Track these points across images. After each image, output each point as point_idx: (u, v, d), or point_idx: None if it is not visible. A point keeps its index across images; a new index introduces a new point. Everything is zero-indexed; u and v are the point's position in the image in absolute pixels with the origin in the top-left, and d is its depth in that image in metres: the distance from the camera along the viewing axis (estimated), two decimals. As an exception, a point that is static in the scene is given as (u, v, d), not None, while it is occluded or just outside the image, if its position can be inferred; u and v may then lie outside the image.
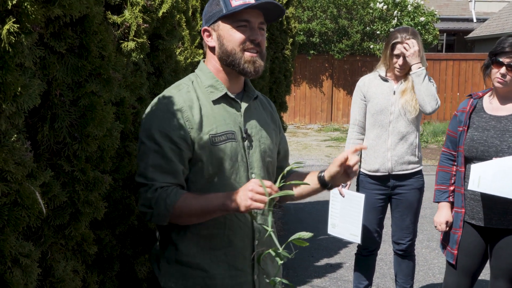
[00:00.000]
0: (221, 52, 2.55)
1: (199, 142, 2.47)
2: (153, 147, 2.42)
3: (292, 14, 7.97)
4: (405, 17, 22.16)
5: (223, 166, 2.52)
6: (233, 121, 2.58)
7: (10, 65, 1.61)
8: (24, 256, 1.81)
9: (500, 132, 3.78)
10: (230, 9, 2.47)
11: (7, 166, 1.66)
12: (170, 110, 2.46)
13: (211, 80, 2.60)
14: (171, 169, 2.43)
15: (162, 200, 2.38)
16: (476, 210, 3.89)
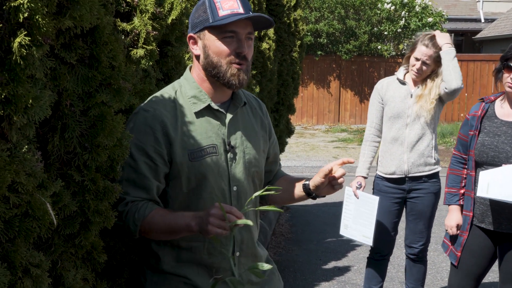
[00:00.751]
0: (206, 62, 2.48)
1: (177, 157, 2.44)
2: (128, 161, 2.37)
3: (300, 16, 7.97)
4: (413, 17, 22.14)
5: (202, 181, 2.49)
6: (215, 134, 2.52)
7: (21, 77, 1.61)
8: (34, 266, 1.81)
9: (511, 138, 3.77)
10: (217, 19, 2.38)
11: (18, 177, 1.66)
12: (149, 124, 2.42)
13: (194, 90, 2.54)
14: (144, 184, 2.41)
15: (131, 214, 2.39)
16: (486, 214, 3.89)
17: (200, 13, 2.45)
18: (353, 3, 21.97)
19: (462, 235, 4.08)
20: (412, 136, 4.91)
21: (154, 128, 2.41)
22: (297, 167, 14.17)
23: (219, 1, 2.40)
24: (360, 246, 7.56)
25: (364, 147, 5.28)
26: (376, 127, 5.16)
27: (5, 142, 1.67)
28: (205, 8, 2.42)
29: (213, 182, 2.51)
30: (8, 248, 1.70)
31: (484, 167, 3.86)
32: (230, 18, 2.35)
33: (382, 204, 5.01)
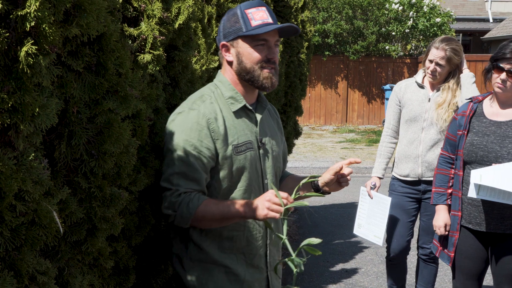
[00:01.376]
0: (240, 68, 2.74)
1: (223, 152, 2.68)
2: (179, 155, 2.62)
3: (308, 18, 7.95)
4: (420, 18, 22.09)
5: (243, 174, 2.75)
6: (250, 131, 2.80)
7: (28, 85, 1.62)
8: (41, 274, 1.82)
9: (500, 137, 3.79)
10: (249, 29, 2.65)
11: (25, 185, 1.66)
12: (197, 121, 2.66)
13: (230, 91, 2.78)
14: (195, 177, 2.63)
15: (185, 204, 2.59)
16: (473, 215, 3.90)
17: (232, 23, 2.71)
18: (361, 3, 21.92)
19: (453, 235, 4.07)
20: (427, 140, 4.93)
21: (202, 125, 2.66)
22: (304, 168, 14.15)
23: (250, 12, 2.67)
24: (368, 248, 7.55)
25: (380, 148, 5.37)
26: (393, 129, 5.23)
27: (11, 150, 1.67)
28: (237, 18, 2.69)
29: (251, 175, 2.78)
30: (15, 256, 1.71)
31: (473, 167, 3.85)
32: (263, 28, 2.64)
33: (398, 204, 5.06)
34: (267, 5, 2.73)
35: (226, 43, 2.74)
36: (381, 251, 7.39)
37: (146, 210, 2.80)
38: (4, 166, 1.59)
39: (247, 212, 2.54)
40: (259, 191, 2.83)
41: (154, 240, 2.98)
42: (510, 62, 3.74)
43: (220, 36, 2.78)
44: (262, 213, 2.48)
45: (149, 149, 2.79)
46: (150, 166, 2.74)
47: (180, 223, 2.65)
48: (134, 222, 2.71)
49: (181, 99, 3.16)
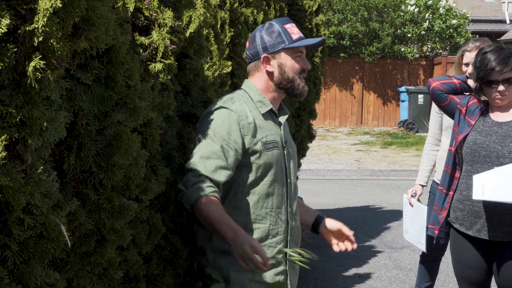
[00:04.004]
0: (282, 78, 2.98)
1: (253, 147, 2.89)
2: (208, 143, 2.83)
3: (322, 21, 7.93)
4: (436, 19, 22.00)
5: (270, 170, 2.95)
6: (276, 132, 3.03)
7: (36, 100, 1.62)
8: (49, 286, 1.82)
9: (502, 137, 3.78)
10: (291, 41, 2.95)
11: (33, 199, 1.67)
12: (228, 116, 2.88)
13: (259, 96, 3.02)
14: (219, 166, 2.81)
15: (197, 188, 2.74)
16: (474, 222, 3.86)
17: (273, 37, 2.96)
18: (377, 5, 21.87)
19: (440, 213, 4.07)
20: None
21: (233, 120, 2.87)
22: (319, 170, 14.14)
23: (289, 27, 2.98)
24: (382, 252, 7.53)
25: (423, 156, 5.43)
26: (434, 136, 5.30)
27: (20, 163, 1.68)
28: (278, 33, 2.96)
29: (277, 171, 2.98)
30: (23, 270, 1.71)
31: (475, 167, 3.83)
32: (303, 41, 2.96)
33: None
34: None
35: (268, 56, 2.98)
36: (394, 255, 7.37)
37: (156, 219, 2.80)
38: (12, 180, 1.59)
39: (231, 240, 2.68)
40: (282, 188, 3.02)
41: (165, 248, 2.98)
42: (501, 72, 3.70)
43: (258, 49, 2.99)
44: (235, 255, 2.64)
45: (160, 157, 2.79)
46: (160, 174, 2.74)
47: (185, 201, 2.78)
48: (144, 231, 2.72)
49: (192, 107, 3.16)
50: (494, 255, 3.89)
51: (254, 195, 2.93)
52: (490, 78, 3.73)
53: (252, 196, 2.93)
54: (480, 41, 4.89)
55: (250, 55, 3.05)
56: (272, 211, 2.97)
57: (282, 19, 3.04)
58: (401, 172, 14.11)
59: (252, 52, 3.03)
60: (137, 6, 2.67)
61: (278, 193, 2.99)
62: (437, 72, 21.33)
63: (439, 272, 5.65)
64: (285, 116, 3.12)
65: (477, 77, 3.83)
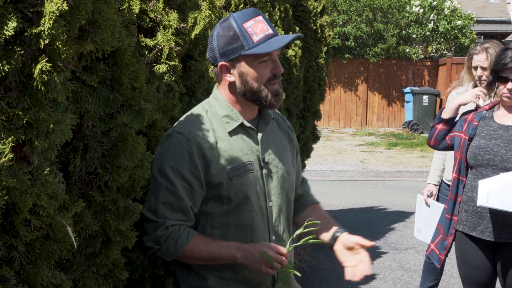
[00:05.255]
0: (245, 89, 2.45)
1: (216, 177, 2.42)
2: (164, 183, 2.37)
3: (327, 22, 7.94)
4: (441, 20, 21.98)
5: (242, 199, 2.48)
6: (250, 151, 2.51)
7: (43, 102, 1.64)
8: (55, 286, 1.84)
9: (507, 141, 3.78)
10: (252, 46, 2.36)
11: (39, 200, 1.68)
12: (185, 147, 2.39)
13: (226, 109, 2.51)
14: (182, 207, 2.40)
15: (173, 240, 2.39)
16: (478, 223, 3.86)
17: (229, 40, 2.39)
18: (381, 6, 21.86)
19: (446, 239, 4.06)
20: None
21: (191, 151, 2.38)
22: (323, 171, 14.14)
23: (249, 26, 2.37)
24: (386, 253, 7.52)
25: (435, 155, 5.45)
26: None
27: (27, 165, 1.69)
28: (235, 35, 2.37)
29: (253, 198, 2.50)
30: (29, 270, 1.73)
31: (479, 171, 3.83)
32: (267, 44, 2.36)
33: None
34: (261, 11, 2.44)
35: (225, 63, 2.43)
36: (399, 257, 7.37)
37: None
38: (19, 182, 1.61)
39: (240, 258, 2.40)
40: (260, 216, 2.55)
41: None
42: None
43: (215, 54, 2.45)
44: (257, 266, 2.37)
45: (164, 159, 2.81)
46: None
47: (163, 256, 2.46)
48: (149, 232, 2.73)
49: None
50: (499, 256, 3.89)
51: (226, 229, 2.50)
52: (503, 73, 3.76)
53: (224, 230, 2.50)
54: (488, 42, 4.90)
55: (210, 58, 2.51)
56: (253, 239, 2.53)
57: (244, 12, 2.42)
58: (405, 173, 14.10)
59: (210, 56, 2.49)
60: (143, 8, 2.69)
61: (254, 223, 2.53)
62: (442, 73, 21.32)
63: (443, 273, 5.66)
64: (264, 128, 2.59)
65: (491, 70, 3.90)
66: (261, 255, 2.34)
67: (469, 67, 4.98)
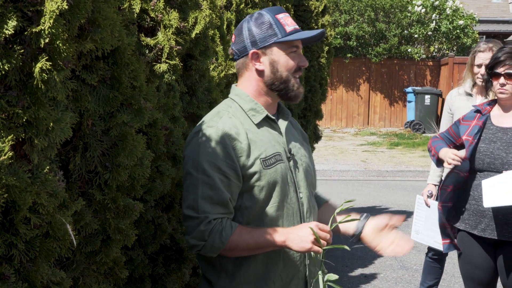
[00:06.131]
0: (274, 77, 2.51)
1: (250, 168, 2.43)
2: (201, 178, 2.37)
3: (328, 22, 7.95)
4: (443, 20, 21.96)
5: (276, 189, 2.49)
6: (277, 142, 2.54)
7: (43, 100, 1.64)
8: (55, 284, 1.84)
9: (506, 144, 3.79)
10: (285, 34, 2.47)
11: (39, 199, 1.69)
12: (216, 139, 2.40)
13: (250, 103, 2.54)
14: (221, 199, 2.38)
15: (217, 233, 2.35)
16: (479, 221, 3.87)
17: (262, 29, 2.48)
18: (383, 5, 21.85)
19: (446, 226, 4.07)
20: None
21: (224, 143, 2.40)
22: (325, 170, 14.13)
23: (282, 18, 2.49)
24: (387, 253, 7.53)
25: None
26: None
27: (26, 163, 1.70)
28: (270, 24, 2.48)
29: (284, 189, 2.51)
30: (29, 268, 1.73)
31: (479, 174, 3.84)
32: (299, 33, 2.49)
33: None
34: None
35: (257, 51, 2.49)
36: (400, 256, 7.37)
37: (162, 218, 2.82)
38: (19, 180, 1.61)
39: (286, 242, 2.37)
40: (293, 206, 2.55)
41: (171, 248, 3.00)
42: (505, 64, 3.77)
43: (246, 43, 2.51)
44: (306, 246, 2.33)
45: (165, 157, 2.81)
46: (166, 174, 2.76)
47: (208, 252, 2.41)
48: (150, 231, 2.74)
49: (198, 108, 3.18)
50: (500, 254, 3.89)
51: (260, 222, 2.48)
52: (496, 69, 3.79)
53: (259, 223, 2.48)
54: (492, 42, 4.91)
55: (237, 50, 2.55)
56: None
57: (274, 8, 2.56)
58: (407, 173, 14.10)
59: (238, 47, 2.54)
60: (143, 7, 2.70)
61: (288, 213, 2.53)
62: (444, 72, 21.30)
63: (444, 273, 5.67)
64: (284, 121, 2.64)
65: (486, 67, 3.94)
66: (307, 234, 2.33)
67: (471, 64, 4.99)
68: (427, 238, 5.09)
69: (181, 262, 3.06)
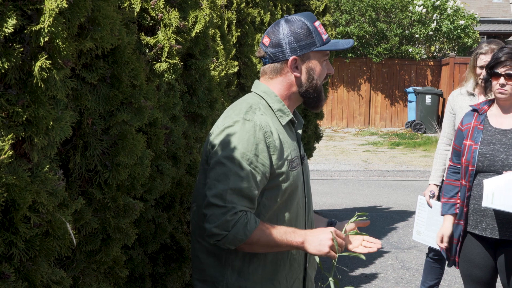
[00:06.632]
0: (309, 85, 2.53)
1: (280, 167, 2.44)
2: (234, 169, 2.34)
3: (329, 21, 7.95)
4: (444, 20, 21.95)
5: (295, 192, 2.53)
6: (296, 147, 2.57)
7: (42, 99, 1.64)
8: (55, 283, 1.84)
9: (506, 146, 3.78)
10: (322, 43, 2.50)
11: (39, 197, 1.69)
12: (254, 133, 2.39)
13: (278, 104, 2.54)
14: (250, 194, 2.36)
15: (243, 224, 2.31)
16: (479, 220, 3.87)
17: (302, 36, 2.48)
18: (384, 5, 21.84)
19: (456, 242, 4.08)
20: None
21: (259, 138, 2.39)
22: (326, 170, 14.12)
23: (318, 26, 2.51)
24: (388, 253, 7.52)
25: (436, 156, 5.41)
26: (448, 137, 5.30)
27: (26, 162, 1.70)
28: (308, 31, 2.49)
29: (300, 192, 2.56)
30: (29, 267, 1.73)
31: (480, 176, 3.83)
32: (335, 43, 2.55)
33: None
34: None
35: (297, 58, 2.49)
36: (401, 256, 7.36)
37: (162, 218, 2.82)
38: (18, 179, 1.61)
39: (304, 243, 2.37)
40: (303, 211, 2.61)
41: (171, 247, 3.00)
42: (505, 65, 3.76)
43: (285, 49, 2.49)
44: (323, 249, 2.33)
45: (165, 157, 2.81)
46: (166, 174, 2.76)
47: (228, 244, 2.35)
48: (150, 230, 2.74)
49: (198, 107, 3.18)
50: (500, 254, 3.89)
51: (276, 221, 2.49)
52: (496, 69, 3.78)
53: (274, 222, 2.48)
54: (494, 43, 4.90)
55: (272, 54, 2.51)
56: None
57: (307, 14, 2.55)
58: (408, 173, 14.09)
59: (275, 52, 2.51)
60: (143, 6, 2.70)
61: (299, 217, 2.58)
62: (445, 72, 21.30)
63: (445, 273, 5.67)
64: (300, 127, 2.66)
65: (486, 66, 3.92)
66: (326, 238, 2.33)
67: (474, 66, 4.99)
68: (428, 239, 5.08)
69: (181, 261, 3.06)
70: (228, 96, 3.95)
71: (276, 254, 2.51)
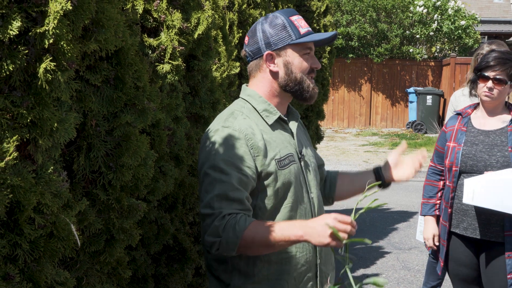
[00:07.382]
0: (288, 79, 2.53)
1: (266, 168, 2.43)
2: (218, 177, 2.34)
3: (330, 22, 7.95)
4: (445, 20, 21.94)
5: (290, 190, 2.50)
6: (288, 143, 2.56)
7: (47, 101, 1.65)
8: (59, 284, 1.85)
9: (489, 146, 3.81)
10: (299, 36, 2.49)
11: (43, 199, 1.69)
12: (232, 139, 2.40)
13: (263, 104, 2.55)
14: (238, 196, 2.34)
15: (231, 226, 2.28)
16: (461, 219, 3.89)
17: (277, 31, 2.51)
18: (385, 6, 21.83)
19: (443, 244, 4.08)
20: None
21: (241, 142, 2.40)
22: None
23: (296, 20, 2.52)
24: (390, 253, 7.52)
25: None
26: None
27: (31, 163, 1.71)
28: (284, 26, 2.51)
29: (297, 190, 2.53)
30: (33, 268, 1.74)
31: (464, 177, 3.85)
32: (313, 35, 2.52)
33: None
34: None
35: (271, 53, 2.51)
36: (402, 256, 7.37)
37: (165, 219, 2.83)
38: (23, 180, 1.62)
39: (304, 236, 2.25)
40: (305, 207, 2.57)
41: (173, 248, 3.00)
42: (494, 69, 3.78)
43: (260, 45, 2.53)
44: (324, 241, 2.20)
45: (168, 158, 2.82)
46: (169, 175, 2.77)
47: (226, 250, 2.32)
48: (153, 231, 2.74)
49: (200, 108, 3.19)
50: (482, 253, 3.91)
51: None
52: (484, 72, 3.80)
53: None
54: (495, 43, 4.90)
55: (250, 52, 2.57)
56: None
57: (287, 10, 2.58)
58: (409, 173, 14.07)
59: (252, 49, 2.56)
60: (146, 8, 2.70)
61: (301, 213, 2.54)
62: (446, 73, 21.29)
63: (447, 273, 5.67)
64: (295, 123, 2.66)
65: (474, 68, 3.93)
66: (324, 228, 2.20)
67: None
68: None
69: (184, 262, 3.07)
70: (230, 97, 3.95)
71: (280, 254, 2.47)
